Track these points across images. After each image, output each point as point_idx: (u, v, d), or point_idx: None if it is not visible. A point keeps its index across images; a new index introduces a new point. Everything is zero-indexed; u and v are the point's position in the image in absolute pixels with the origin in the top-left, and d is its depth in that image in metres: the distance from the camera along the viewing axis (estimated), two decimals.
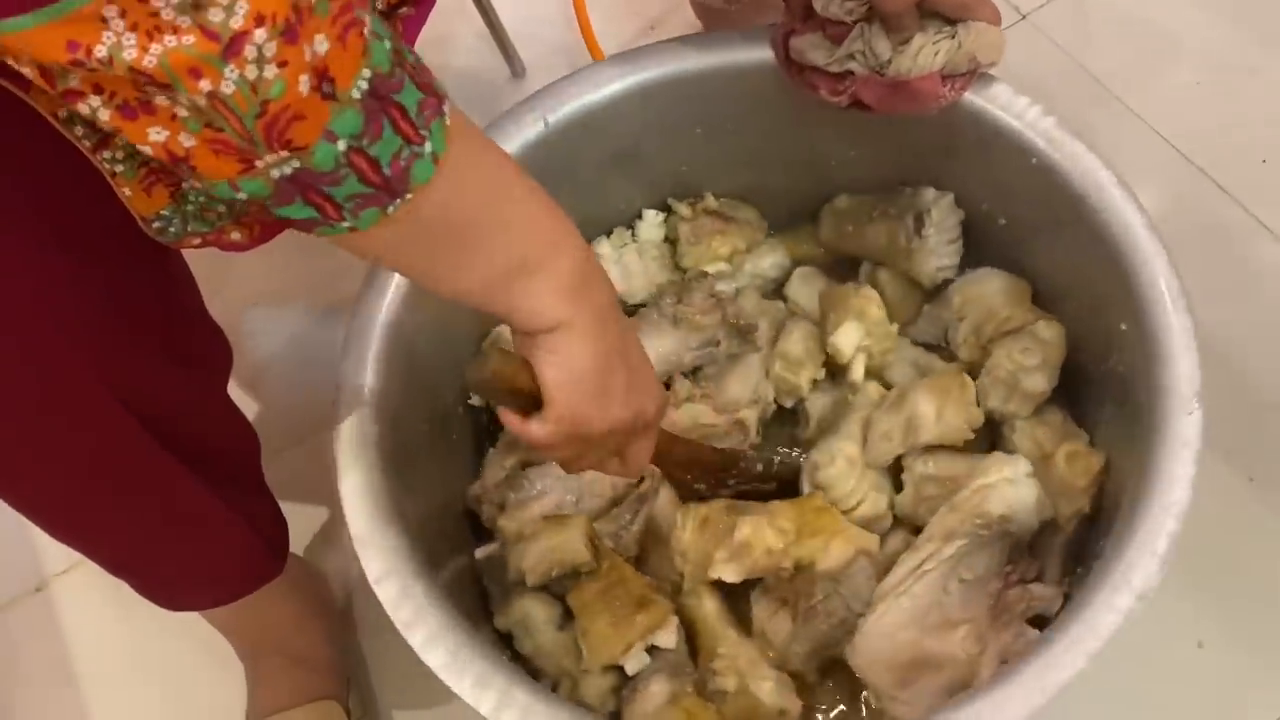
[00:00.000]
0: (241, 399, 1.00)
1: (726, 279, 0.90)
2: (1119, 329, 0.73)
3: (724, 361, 0.84)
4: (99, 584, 0.92)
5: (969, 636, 0.70)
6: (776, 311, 0.89)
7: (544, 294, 0.52)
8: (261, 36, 0.38)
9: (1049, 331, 0.80)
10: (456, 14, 1.20)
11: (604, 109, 0.81)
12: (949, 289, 0.86)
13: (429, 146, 0.45)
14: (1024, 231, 0.82)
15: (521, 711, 0.61)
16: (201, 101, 0.39)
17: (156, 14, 0.37)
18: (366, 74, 0.43)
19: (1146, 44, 1.17)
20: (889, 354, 0.85)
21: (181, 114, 0.40)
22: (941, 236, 0.84)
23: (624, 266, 0.90)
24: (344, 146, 0.43)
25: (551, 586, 0.77)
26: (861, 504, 0.77)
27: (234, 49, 0.38)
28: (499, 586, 0.78)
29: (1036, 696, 0.59)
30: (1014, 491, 0.73)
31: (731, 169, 0.90)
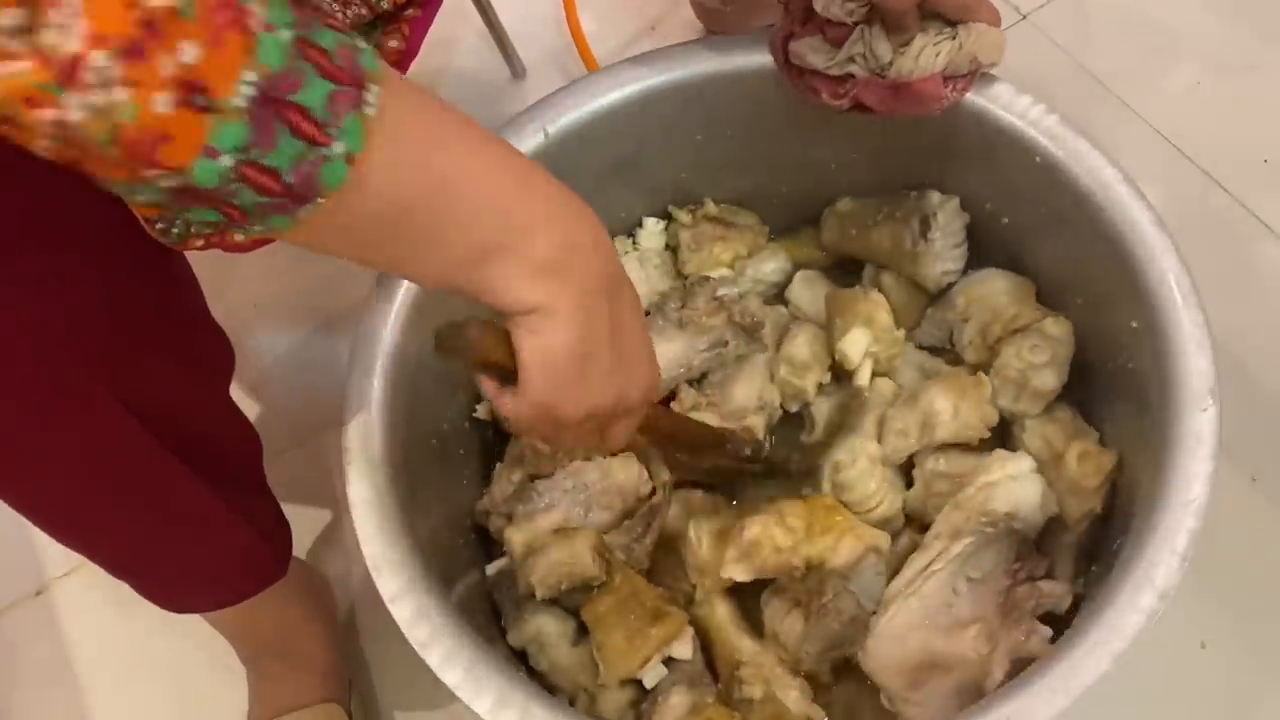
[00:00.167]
0: (243, 401, 1.00)
1: (729, 284, 0.89)
2: (1129, 326, 0.73)
3: (732, 364, 0.83)
4: (99, 587, 0.93)
5: (979, 636, 0.70)
6: (779, 316, 0.89)
7: (515, 279, 0.48)
8: (101, 59, 0.34)
9: (1057, 328, 0.80)
10: (456, 16, 1.19)
11: (603, 118, 0.81)
12: (953, 290, 0.86)
13: (340, 146, 0.40)
14: (1028, 231, 0.82)
15: None
16: (48, 130, 0.35)
17: None
18: (251, 76, 0.38)
19: (1147, 44, 1.17)
20: (895, 359, 0.84)
21: (41, 143, 0.36)
22: (947, 240, 0.84)
23: None
24: (230, 161, 0.38)
25: (563, 601, 0.77)
26: (882, 504, 0.77)
27: (71, 74, 0.34)
28: (511, 602, 0.78)
29: (1061, 699, 0.59)
30: (1018, 488, 0.73)
31: (731, 174, 0.89)
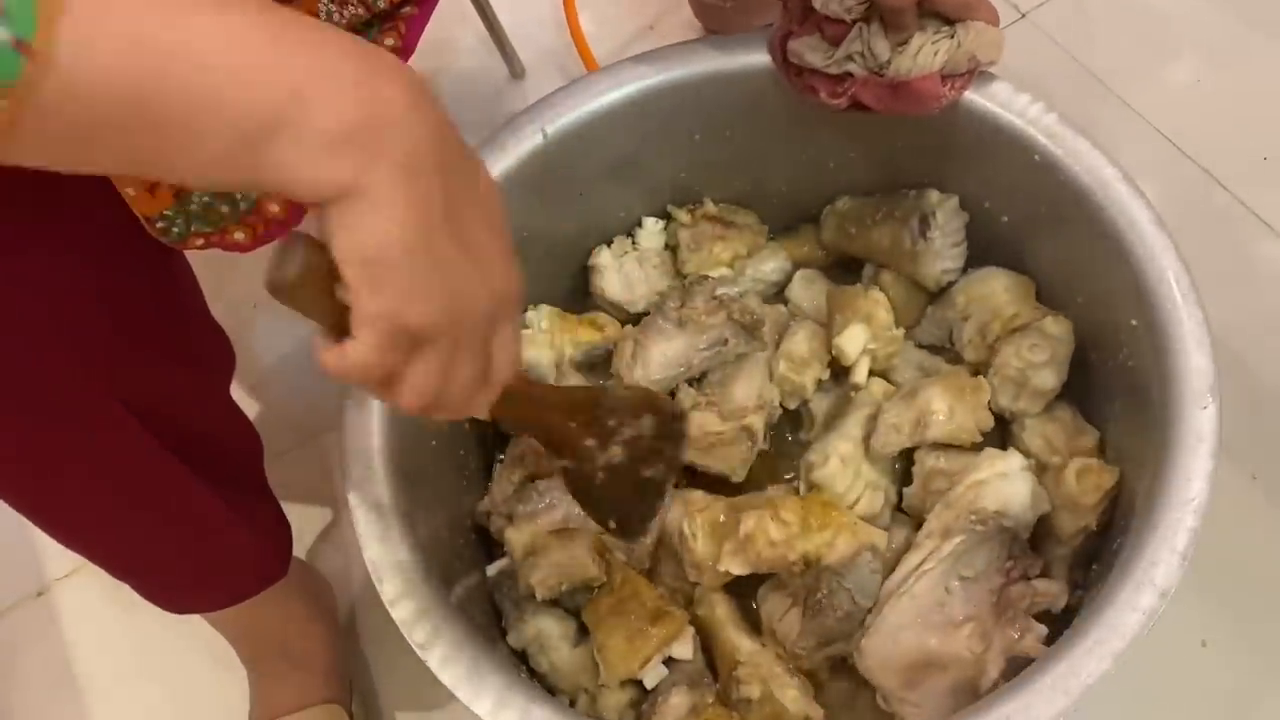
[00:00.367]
0: (244, 401, 1.00)
1: (728, 283, 0.89)
2: (1128, 324, 0.73)
3: (731, 363, 0.83)
4: (100, 588, 0.93)
5: (973, 635, 0.70)
6: (779, 315, 0.89)
7: (304, 160, 0.39)
8: None
9: (1056, 327, 0.80)
10: (455, 17, 1.20)
11: (602, 118, 0.81)
12: (952, 289, 0.86)
13: (4, 33, 0.35)
14: (1027, 229, 0.82)
15: None
16: None
17: None
18: None
19: (1147, 42, 1.17)
20: (894, 357, 0.84)
21: None
22: (946, 239, 0.84)
23: (625, 275, 0.90)
24: None
25: (563, 601, 0.77)
26: (858, 502, 0.77)
27: None
28: (511, 603, 0.78)
29: (1061, 699, 0.59)
30: (1007, 486, 0.73)
31: (730, 174, 0.89)
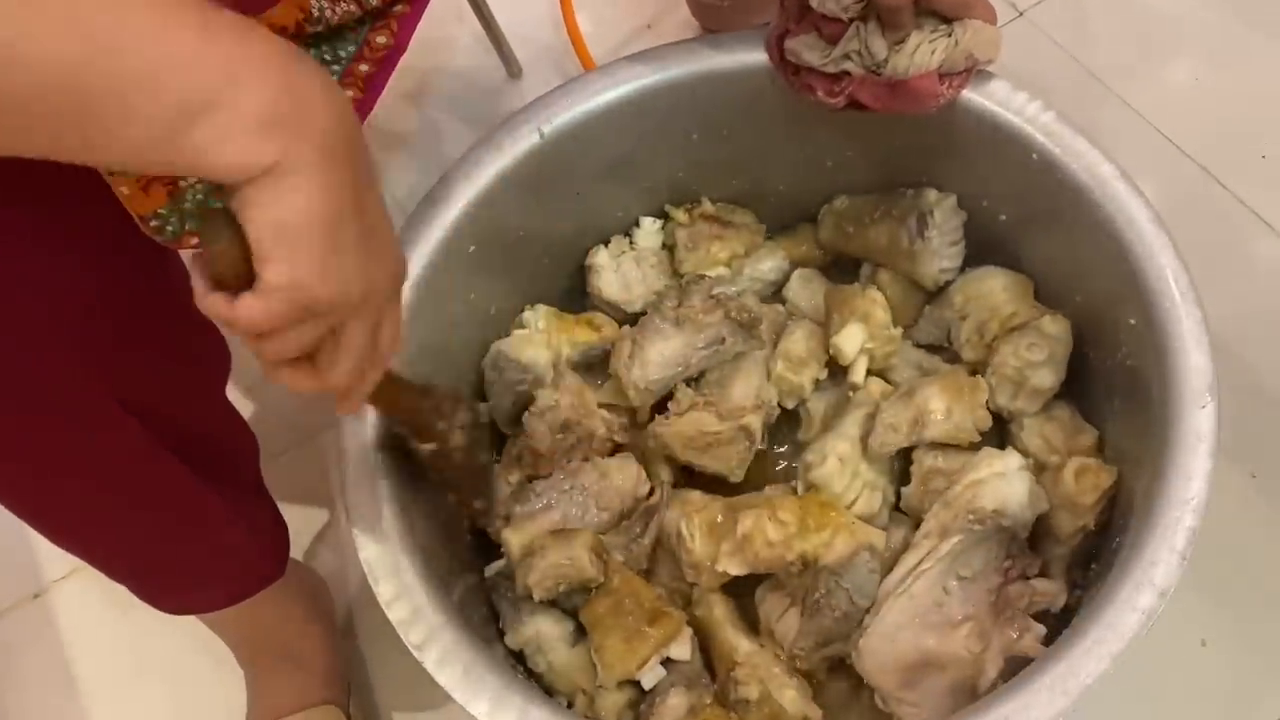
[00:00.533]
0: (240, 402, 1.00)
1: (726, 284, 0.89)
2: (1127, 323, 0.72)
3: (730, 361, 0.83)
4: (98, 589, 0.93)
5: (971, 635, 0.70)
6: (776, 314, 0.88)
7: (229, 140, 0.41)
8: None
9: (1054, 326, 0.80)
10: (452, 16, 1.20)
11: (598, 117, 0.81)
12: (950, 288, 0.86)
13: None
14: (1025, 228, 0.82)
15: None
16: None
17: None
18: None
19: (1145, 40, 1.17)
20: (892, 357, 0.84)
21: None
22: (944, 238, 0.84)
23: (622, 275, 0.89)
24: None
25: (561, 602, 0.76)
26: (856, 502, 0.77)
27: None
28: (509, 604, 0.78)
29: (1060, 699, 0.59)
30: (1005, 486, 0.72)
31: (728, 173, 0.89)
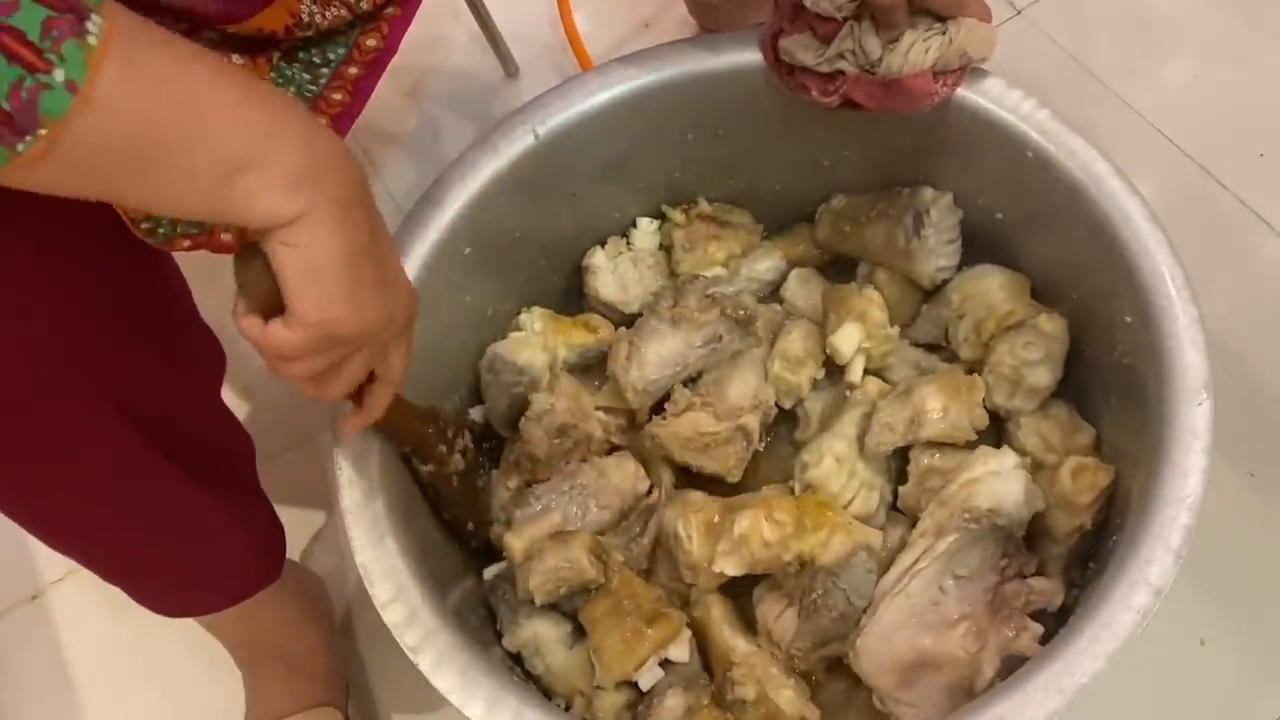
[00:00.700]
0: (236, 403, 1.00)
1: (723, 284, 0.89)
2: (1123, 321, 0.72)
3: (727, 361, 0.83)
4: (94, 592, 0.93)
5: (968, 634, 0.70)
6: (773, 314, 0.88)
7: (268, 191, 0.47)
8: None
9: (1051, 325, 0.80)
10: (449, 16, 1.20)
11: (593, 118, 0.81)
12: (947, 287, 0.86)
13: (61, 74, 0.40)
14: (1021, 227, 0.82)
15: None
16: None
17: None
18: None
19: (1142, 38, 1.17)
20: (889, 356, 0.84)
21: None
22: (941, 237, 0.84)
23: (619, 276, 0.89)
24: None
25: (561, 605, 0.76)
26: (853, 502, 0.77)
27: None
28: (507, 606, 0.78)
29: (1055, 698, 0.59)
30: (1001, 485, 0.72)
31: (724, 173, 0.89)
